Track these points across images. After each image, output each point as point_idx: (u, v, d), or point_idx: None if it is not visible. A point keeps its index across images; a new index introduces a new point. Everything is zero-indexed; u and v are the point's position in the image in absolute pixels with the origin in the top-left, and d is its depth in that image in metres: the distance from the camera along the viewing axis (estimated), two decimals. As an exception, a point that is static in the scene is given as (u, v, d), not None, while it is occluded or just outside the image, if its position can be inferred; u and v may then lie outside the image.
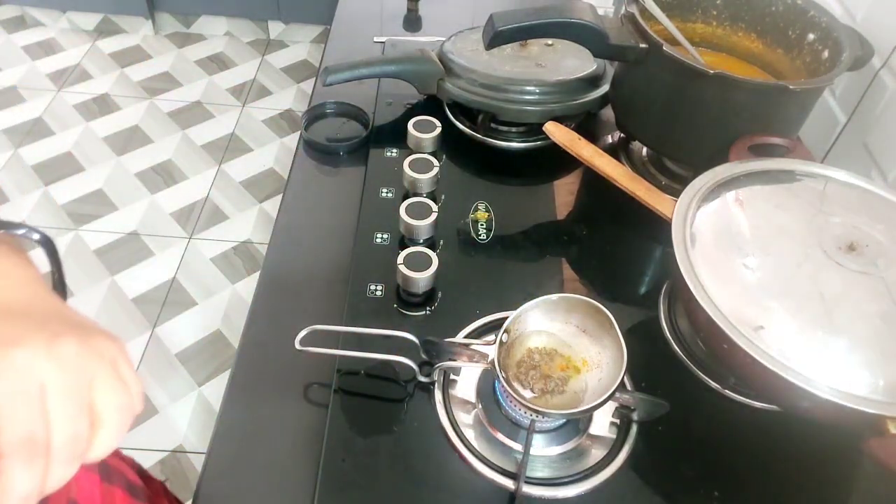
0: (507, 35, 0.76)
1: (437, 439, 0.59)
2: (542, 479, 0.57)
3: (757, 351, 0.53)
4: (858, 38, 0.77)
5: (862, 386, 0.52)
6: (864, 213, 0.63)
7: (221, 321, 1.75)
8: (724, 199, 0.65)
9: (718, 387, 0.65)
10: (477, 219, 0.79)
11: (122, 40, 2.65)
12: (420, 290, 0.68)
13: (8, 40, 2.58)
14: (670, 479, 0.59)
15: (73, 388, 0.34)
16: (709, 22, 0.88)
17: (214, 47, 2.67)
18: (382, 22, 1.14)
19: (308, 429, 0.61)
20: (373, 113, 0.92)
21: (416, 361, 0.61)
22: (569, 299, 0.60)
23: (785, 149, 0.73)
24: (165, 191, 2.08)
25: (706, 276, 0.58)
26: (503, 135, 0.91)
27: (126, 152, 2.19)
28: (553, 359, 0.60)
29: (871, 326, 0.55)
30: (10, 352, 0.33)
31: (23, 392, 0.32)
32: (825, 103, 0.92)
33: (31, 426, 0.32)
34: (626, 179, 0.71)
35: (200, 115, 2.35)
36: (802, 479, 0.60)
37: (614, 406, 0.60)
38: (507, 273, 0.74)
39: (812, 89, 0.74)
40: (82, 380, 0.34)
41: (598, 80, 0.91)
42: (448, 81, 0.89)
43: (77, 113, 2.31)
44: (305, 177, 0.86)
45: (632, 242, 0.82)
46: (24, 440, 0.32)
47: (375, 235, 0.75)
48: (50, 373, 0.33)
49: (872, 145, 0.82)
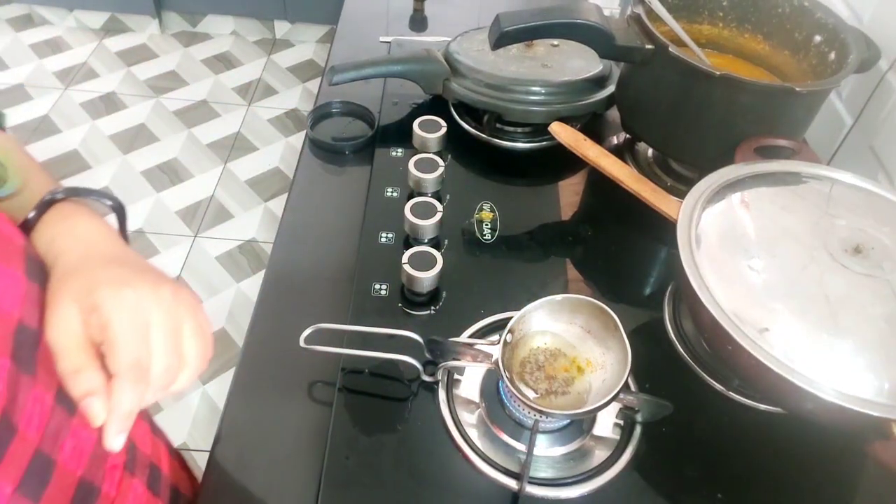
0: (513, 35, 0.76)
1: (441, 438, 0.59)
2: (546, 479, 0.57)
3: (761, 353, 0.53)
4: (865, 40, 0.77)
5: (867, 389, 0.52)
6: (871, 216, 0.63)
7: (226, 319, 1.76)
8: (729, 200, 0.65)
9: (723, 389, 0.65)
10: (482, 219, 0.79)
11: (128, 39, 2.66)
12: (424, 289, 0.69)
13: (15, 38, 2.59)
14: (674, 481, 0.59)
15: (170, 328, 0.40)
16: (715, 23, 0.88)
17: (221, 46, 2.68)
18: (388, 22, 1.14)
19: (312, 427, 0.61)
20: (378, 112, 0.92)
21: (420, 361, 0.61)
22: (573, 300, 0.60)
23: (791, 151, 0.73)
24: (171, 189, 2.09)
25: (711, 278, 0.58)
26: (508, 135, 0.91)
27: (132, 151, 2.20)
28: (557, 359, 0.60)
29: (876, 329, 0.55)
30: (123, 291, 0.38)
31: (135, 325, 0.38)
32: (832, 105, 0.92)
33: (140, 354, 0.38)
34: (631, 180, 0.71)
35: (206, 114, 2.36)
36: (806, 482, 0.60)
37: (618, 407, 0.60)
38: (511, 273, 0.74)
39: (818, 91, 0.73)
40: (177, 322, 0.40)
41: (603, 80, 0.91)
42: (454, 81, 0.89)
43: (83, 111, 2.32)
44: (311, 176, 0.86)
45: (637, 243, 0.82)
46: (134, 365, 0.37)
47: (380, 235, 0.75)
48: (154, 312, 0.39)
49: (879, 148, 0.82)
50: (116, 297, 0.38)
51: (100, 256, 0.41)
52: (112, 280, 0.39)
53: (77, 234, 0.42)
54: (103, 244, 0.43)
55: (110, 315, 0.37)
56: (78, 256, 0.41)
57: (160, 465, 0.58)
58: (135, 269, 0.41)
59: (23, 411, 0.36)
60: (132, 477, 0.51)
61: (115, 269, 0.40)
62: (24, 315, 0.36)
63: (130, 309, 0.38)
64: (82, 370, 0.37)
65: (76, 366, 0.37)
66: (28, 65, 2.48)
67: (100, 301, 0.38)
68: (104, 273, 0.40)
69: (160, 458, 0.58)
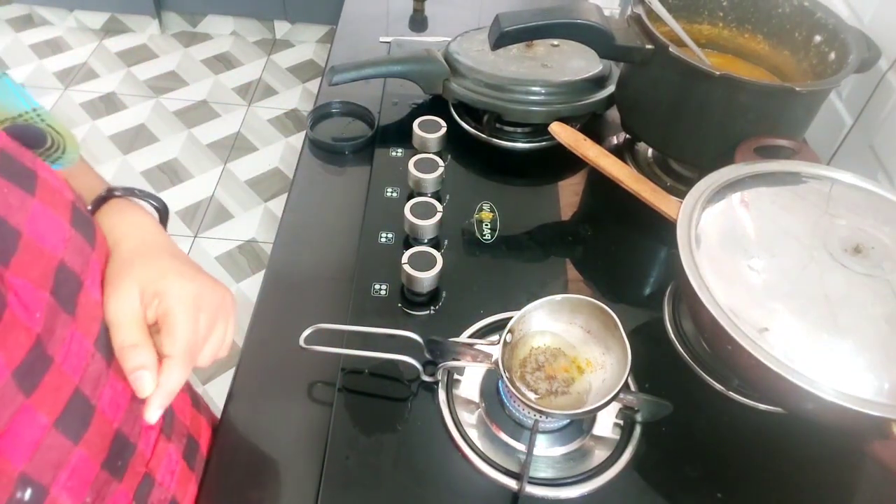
0: (513, 35, 0.76)
1: (441, 439, 0.59)
2: (546, 479, 0.57)
3: (761, 353, 0.53)
4: (865, 41, 0.77)
5: (866, 388, 0.51)
6: (870, 216, 0.63)
7: (226, 320, 1.75)
8: (729, 200, 0.65)
9: (722, 388, 0.65)
10: (482, 219, 0.79)
11: (128, 39, 2.66)
12: (424, 289, 0.69)
13: (15, 39, 2.59)
14: (673, 481, 0.59)
15: (217, 320, 0.46)
16: (715, 23, 0.88)
17: (220, 47, 2.68)
18: (388, 22, 1.14)
19: (312, 427, 0.61)
20: (378, 113, 0.92)
21: (420, 361, 0.61)
22: (573, 300, 0.60)
23: (791, 150, 0.73)
24: (171, 189, 2.09)
25: (711, 278, 0.58)
26: (508, 135, 0.91)
27: (132, 151, 2.20)
28: (557, 359, 0.60)
29: (876, 329, 0.55)
30: (187, 284, 0.45)
31: (192, 316, 0.44)
32: (831, 105, 0.92)
33: (194, 341, 0.44)
34: (631, 180, 0.71)
35: (206, 115, 2.36)
36: (806, 482, 0.60)
37: (618, 407, 0.60)
38: (511, 273, 0.74)
39: (818, 91, 0.73)
40: (221, 315, 0.47)
41: (603, 80, 0.91)
42: (454, 81, 0.89)
43: (83, 111, 2.32)
44: (311, 176, 0.86)
45: (636, 243, 0.82)
46: (188, 349, 0.43)
47: (380, 235, 0.75)
48: (207, 306, 0.45)
49: (879, 147, 0.82)
50: (181, 288, 0.44)
51: (158, 247, 0.47)
52: (177, 272, 0.45)
53: (135, 225, 0.48)
54: (159, 236, 0.49)
55: (174, 304, 0.43)
56: (137, 244, 0.46)
57: (199, 440, 0.59)
58: (189, 264, 0.47)
59: (60, 345, 0.38)
60: (168, 442, 0.53)
61: (176, 261, 0.46)
62: (66, 257, 0.39)
63: (191, 301, 0.44)
64: (138, 346, 0.42)
65: (133, 341, 0.42)
66: (28, 65, 2.48)
67: (165, 289, 0.43)
68: (169, 264, 0.45)
69: (199, 433, 0.59)
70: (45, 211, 0.38)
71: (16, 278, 0.35)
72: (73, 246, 0.40)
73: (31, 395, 0.36)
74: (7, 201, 0.36)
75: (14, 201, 0.36)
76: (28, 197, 0.37)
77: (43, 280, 0.37)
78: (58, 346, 0.38)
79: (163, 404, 0.41)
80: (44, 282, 0.37)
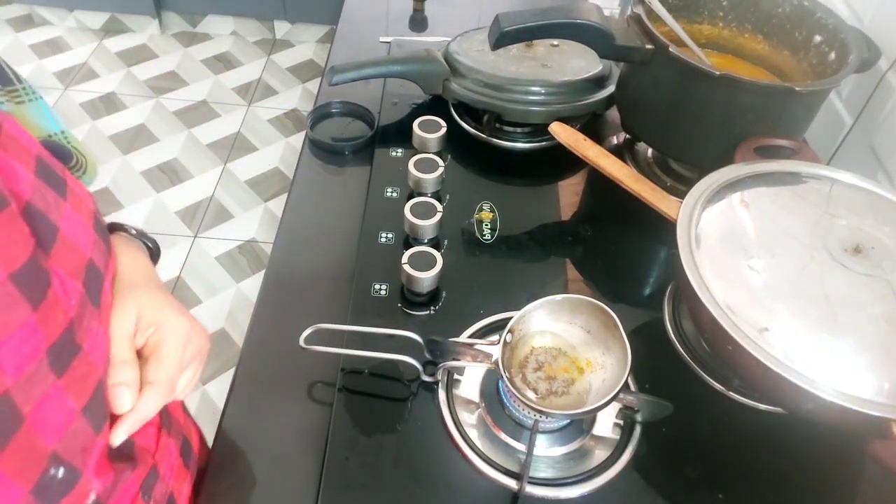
0: (513, 35, 0.76)
1: (441, 439, 0.59)
2: (546, 479, 0.57)
3: (761, 353, 0.53)
4: (865, 40, 0.77)
5: (866, 388, 0.52)
6: (870, 216, 0.63)
7: (226, 320, 1.75)
8: (729, 200, 0.65)
9: (723, 388, 0.65)
10: (481, 219, 0.79)
11: (128, 39, 2.66)
12: (424, 289, 0.69)
13: (15, 38, 2.59)
14: (673, 481, 0.59)
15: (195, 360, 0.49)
16: (715, 23, 0.88)
17: (220, 47, 2.68)
18: (388, 22, 1.14)
19: (312, 427, 0.61)
20: (378, 113, 0.92)
21: (420, 361, 0.61)
22: (573, 300, 0.60)
23: (791, 150, 0.73)
24: (171, 189, 2.09)
25: (711, 278, 0.58)
26: (508, 135, 0.91)
27: (132, 151, 2.20)
28: (557, 359, 0.60)
29: (876, 329, 0.55)
30: (183, 321, 0.48)
31: (180, 351, 0.46)
32: (831, 105, 0.92)
33: (175, 375, 0.46)
34: (631, 180, 0.71)
35: (206, 115, 2.36)
36: (806, 482, 0.60)
37: (618, 407, 0.60)
38: (511, 273, 0.74)
39: (818, 91, 0.73)
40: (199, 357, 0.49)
41: (603, 80, 0.91)
42: (453, 81, 0.89)
43: (83, 111, 2.32)
44: (311, 176, 0.86)
45: (636, 243, 0.82)
46: (171, 381, 0.45)
47: (380, 235, 0.75)
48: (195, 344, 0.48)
49: (879, 147, 0.82)
50: (178, 323, 0.47)
51: (155, 284, 0.50)
52: (175, 308, 0.48)
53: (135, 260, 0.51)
54: (155, 276, 0.52)
55: (169, 336, 0.46)
56: (138, 276, 0.49)
57: (191, 441, 0.60)
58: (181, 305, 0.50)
59: (87, 334, 0.41)
60: (168, 437, 0.54)
61: (171, 299, 0.50)
62: (93, 255, 0.43)
63: (184, 336, 0.47)
64: (128, 363, 0.44)
65: (124, 357, 0.44)
66: (28, 65, 2.48)
67: (163, 321, 0.47)
68: (167, 300, 0.49)
69: (191, 435, 0.60)
70: (75, 215, 0.42)
71: (56, 266, 0.38)
72: (97, 248, 0.44)
73: (62, 377, 0.38)
74: (46, 200, 0.39)
75: (51, 201, 0.39)
76: (61, 200, 0.41)
77: (77, 272, 0.40)
78: (85, 335, 0.40)
79: (131, 428, 0.43)
80: (78, 273, 0.40)
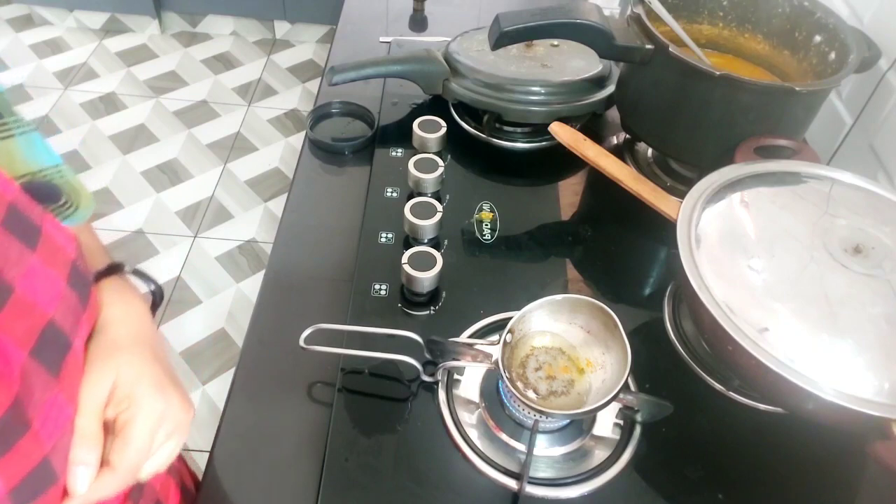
0: (513, 35, 0.76)
1: (441, 439, 0.59)
2: (546, 479, 0.57)
3: (761, 353, 0.53)
4: (865, 40, 0.77)
5: (867, 388, 0.51)
6: (870, 216, 0.63)
7: (226, 320, 1.75)
8: (729, 200, 0.65)
9: (723, 389, 0.65)
10: (481, 219, 0.79)
11: (128, 39, 2.66)
12: (424, 289, 0.69)
13: (15, 39, 2.59)
14: (674, 481, 0.59)
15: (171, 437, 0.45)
16: (715, 23, 0.88)
17: (220, 47, 2.68)
18: (388, 22, 1.14)
19: (312, 428, 0.61)
20: (378, 113, 0.92)
21: (420, 361, 0.61)
22: (573, 300, 0.60)
23: (791, 150, 0.73)
24: (171, 189, 2.09)
25: (711, 278, 0.58)
26: (508, 135, 0.91)
27: (132, 151, 2.20)
28: (557, 359, 0.60)
29: (876, 329, 0.55)
30: (158, 399, 0.43)
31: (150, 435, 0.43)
32: (832, 105, 0.92)
33: (140, 461, 0.42)
34: (630, 180, 0.71)
35: (206, 115, 2.36)
36: (806, 482, 0.60)
37: (618, 407, 0.60)
38: (511, 273, 0.74)
39: (818, 91, 0.73)
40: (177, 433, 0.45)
41: (603, 80, 0.91)
42: (453, 81, 0.89)
43: (83, 111, 2.32)
44: (310, 176, 0.86)
45: (636, 243, 0.81)
46: (131, 468, 0.42)
47: (380, 235, 0.75)
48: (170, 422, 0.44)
49: (879, 147, 0.82)
50: (152, 403, 0.43)
51: (144, 343, 0.46)
52: (154, 382, 0.44)
53: (129, 311, 0.47)
54: (148, 330, 0.48)
55: (139, 417, 0.42)
56: (127, 332, 0.45)
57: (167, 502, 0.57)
58: (166, 371, 0.46)
59: (40, 407, 0.37)
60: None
61: (156, 367, 0.45)
62: (56, 316, 0.39)
63: (156, 419, 0.43)
64: (92, 440, 0.41)
65: (90, 432, 0.41)
66: (28, 65, 2.48)
67: (137, 398, 0.43)
68: (150, 369, 0.45)
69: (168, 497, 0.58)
70: (43, 268, 0.38)
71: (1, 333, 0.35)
72: (65, 305, 0.40)
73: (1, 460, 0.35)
74: (6, 255, 0.35)
75: (13, 255, 0.36)
76: (28, 252, 0.37)
77: (26, 338, 0.36)
78: (37, 410, 0.37)
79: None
80: (25, 341, 0.36)
